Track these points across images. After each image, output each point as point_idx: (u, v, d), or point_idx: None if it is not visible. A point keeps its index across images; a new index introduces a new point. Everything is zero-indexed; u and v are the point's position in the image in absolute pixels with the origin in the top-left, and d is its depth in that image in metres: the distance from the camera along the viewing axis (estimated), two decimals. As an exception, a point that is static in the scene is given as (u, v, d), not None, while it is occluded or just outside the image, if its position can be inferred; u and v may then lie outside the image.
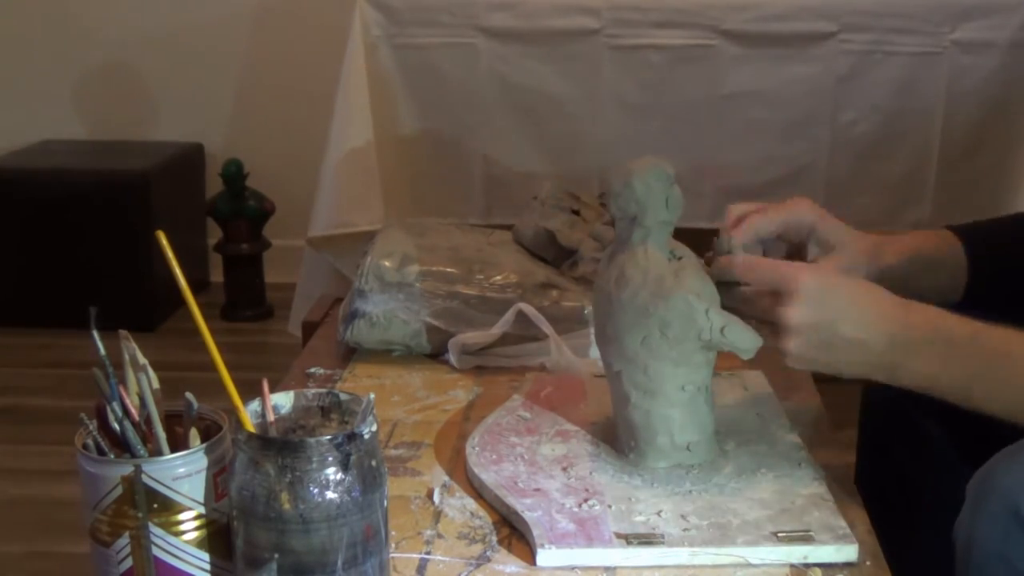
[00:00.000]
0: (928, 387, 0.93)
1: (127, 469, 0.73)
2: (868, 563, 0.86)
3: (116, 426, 0.75)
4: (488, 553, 0.87)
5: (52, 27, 3.37)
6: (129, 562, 0.74)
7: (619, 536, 0.87)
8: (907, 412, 1.13)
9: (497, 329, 1.22)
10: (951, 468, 1.15)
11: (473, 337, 1.22)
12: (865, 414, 1.24)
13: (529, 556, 0.86)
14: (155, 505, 0.73)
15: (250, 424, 0.75)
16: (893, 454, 1.18)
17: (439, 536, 0.89)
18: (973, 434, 1.06)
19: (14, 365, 2.84)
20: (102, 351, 0.75)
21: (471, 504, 0.94)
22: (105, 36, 3.37)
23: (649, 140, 2.31)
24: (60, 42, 3.38)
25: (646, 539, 0.87)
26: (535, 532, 0.87)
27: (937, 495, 1.16)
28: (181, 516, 0.74)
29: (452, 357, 1.22)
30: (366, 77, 2.31)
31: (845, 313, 0.92)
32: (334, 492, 0.71)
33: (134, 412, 0.77)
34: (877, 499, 0.98)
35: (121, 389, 0.77)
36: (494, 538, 0.89)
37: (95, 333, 0.76)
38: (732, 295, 0.97)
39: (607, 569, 0.85)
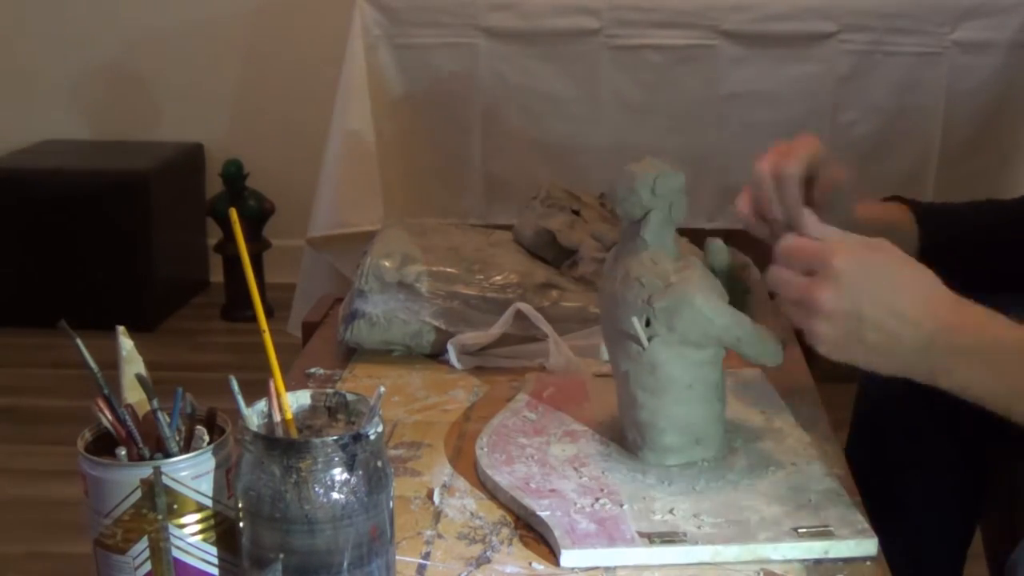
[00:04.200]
0: (970, 396, 0.85)
1: (146, 472, 0.72)
2: (868, 563, 0.86)
3: (121, 429, 0.75)
4: (488, 553, 0.87)
5: (52, 27, 3.37)
6: (147, 567, 0.74)
7: (642, 535, 0.87)
8: (902, 403, 1.12)
9: (496, 329, 1.22)
10: (945, 460, 1.15)
11: (473, 337, 1.22)
12: (860, 404, 1.23)
13: (529, 557, 0.86)
14: (175, 506, 0.73)
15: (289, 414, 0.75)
16: (886, 445, 1.18)
17: (439, 536, 0.89)
18: (968, 427, 1.06)
19: (14, 365, 2.84)
20: (93, 366, 0.74)
21: (471, 504, 0.94)
22: (105, 36, 3.37)
23: (649, 140, 2.32)
24: (60, 42, 3.38)
25: (668, 538, 0.87)
26: (556, 533, 0.86)
27: (930, 487, 1.16)
28: (199, 515, 0.74)
29: (452, 357, 1.22)
30: (366, 77, 2.32)
31: (882, 303, 0.83)
32: (339, 493, 0.71)
33: (138, 414, 0.77)
34: (867, 490, 0.97)
35: (129, 393, 0.76)
36: (494, 538, 0.89)
37: (79, 342, 0.74)
38: (746, 304, 0.96)
39: (629, 568, 0.85)
